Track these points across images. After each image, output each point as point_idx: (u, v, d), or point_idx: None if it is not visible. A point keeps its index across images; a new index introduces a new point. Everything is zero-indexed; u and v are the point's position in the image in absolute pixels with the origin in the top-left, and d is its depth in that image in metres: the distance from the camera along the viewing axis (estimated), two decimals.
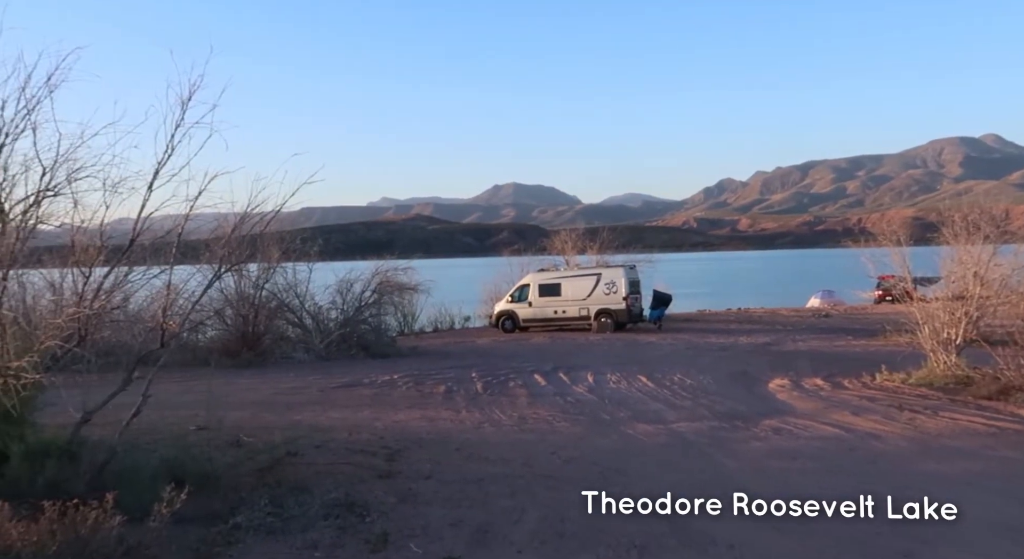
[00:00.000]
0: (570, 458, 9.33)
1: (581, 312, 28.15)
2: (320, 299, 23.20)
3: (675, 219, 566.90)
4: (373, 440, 10.32)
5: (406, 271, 26.52)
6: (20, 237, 6.78)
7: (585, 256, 35.73)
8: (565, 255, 35.92)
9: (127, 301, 8.29)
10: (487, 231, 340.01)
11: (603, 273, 28.52)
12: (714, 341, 23.74)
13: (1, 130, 6.60)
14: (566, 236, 36.92)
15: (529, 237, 79.39)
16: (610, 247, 36.29)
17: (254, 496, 7.11)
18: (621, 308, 27.60)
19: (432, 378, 16.33)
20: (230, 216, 8.90)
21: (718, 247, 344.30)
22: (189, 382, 14.91)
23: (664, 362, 18.66)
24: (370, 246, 71.51)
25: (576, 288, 28.41)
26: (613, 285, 27.80)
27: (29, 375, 6.00)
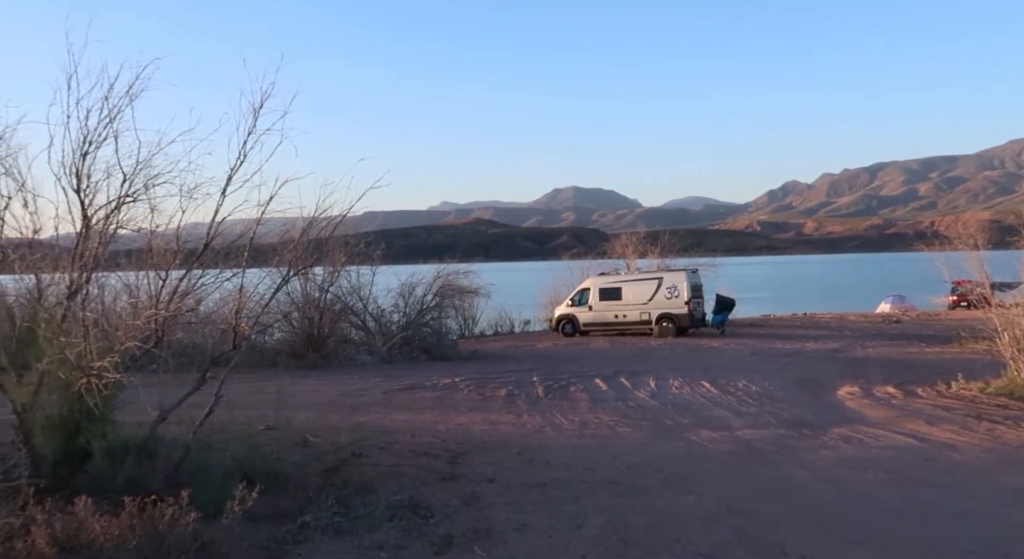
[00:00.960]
0: (633, 464, 9.24)
1: (642, 316, 27.89)
2: (383, 302, 23.52)
3: (738, 222, 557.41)
4: (436, 443, 10.40)
5: (467, 275, 26.70)
6: (102, 241, 7.04)
7: (646, 260, 35.37)
8: (626, 259, 35.63)
9: (200, 303, 8.52)
10: (547, 235, 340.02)
11: (664, 277, 28.20)
12: (779, 347, 23.24)
13: (86, 138, 6.86)
14: (627, 240, 36.63)
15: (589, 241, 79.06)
16: (671, 251, 35.84)
17: (321, 496, 7.22)
18: (683, 312, 27.24)
19: (493, 382, 16.38)
20: (297, 221, 9.10)
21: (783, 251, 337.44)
22: (257, 383, 15.28)
23: (728, 368, 18.35)
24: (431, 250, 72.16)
25: (637, 292, 28.16)
26: (675, 289, 27.46)
27: (110, 374, 6.22)
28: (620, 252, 36.19)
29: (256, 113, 7.17)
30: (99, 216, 7.13)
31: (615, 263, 35.85)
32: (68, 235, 8.05)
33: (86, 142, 6.93)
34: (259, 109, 7.16)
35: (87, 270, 6.94)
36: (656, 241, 36.14)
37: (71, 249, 7.77)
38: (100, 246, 7.04)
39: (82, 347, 6.31)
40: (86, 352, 6.30)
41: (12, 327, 7.05)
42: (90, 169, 7.13)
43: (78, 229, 7.21)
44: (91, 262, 6.94)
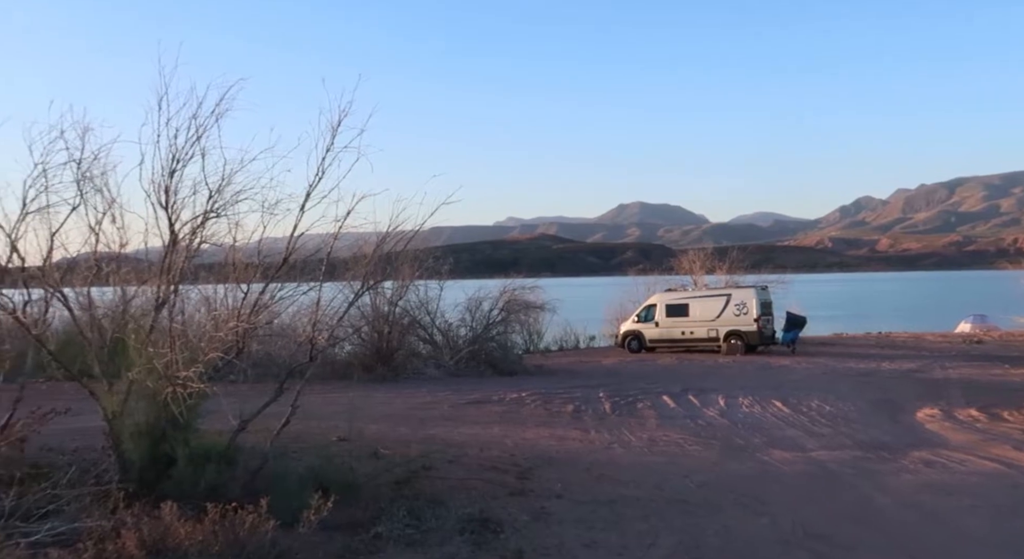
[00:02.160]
0: (704, 483, 9.10)
1: (710, 333, 27.50)
2: (450, 316, 23.75)
3: (808, 239, 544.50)
4: (504, 457, 10.42)
5: (533, 290, 26.75)
6: (187, 255, 7.33)
7: (714, 276, 34.88)
8: (693, 275, 35.21)
9: (278, 316, 8.76)
10: (611, 250, 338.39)
11: (733, 294, 27.76)
12: (853, 366, 22.56)
13: (174, 156, 7.17)
14: (694, 256, 36.21)
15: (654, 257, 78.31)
16: (740, 267, 35.28)
17: (393, 507, 7.31)
18: (752, 330, 26.77)
19: (560, 397, 16.35)
20: (368, 236, 9.28)
21: (855, 268, 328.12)
22: (328, 394, 15.61)
23: (799, 387, 17.90)
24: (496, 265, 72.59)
25: (705, 309, 27.79)
26: (744, 306, 27.00)
27: (195, 384, 6.45)
28: (687, 268, 35.79)
29: (334, 131, 7.36)
30: (185, 231, 7.42)
31: (682, 279, 35.46)
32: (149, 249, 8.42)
33: (174, 160, 7.24)
34: (337, 127, 7.36)
35: (174, 283, 7.23)
36: (724, 257, 35.64)
37: (154, 262, 8.12)
38: (186, 260, 7.32)
39: (168, 357, 6.56)
40: (172, 362, 6.55)
41: (103, 338, 7.36)
42: (177, 186, 7.45)
43: (165, 243, 7.52)
44: (177, 275, 7.22)
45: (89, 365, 7.71)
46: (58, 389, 11.62)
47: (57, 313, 8.49)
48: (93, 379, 7.42)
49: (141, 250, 8.56)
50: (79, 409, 8.12)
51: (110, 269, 7.56)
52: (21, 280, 7.12)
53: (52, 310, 8.05)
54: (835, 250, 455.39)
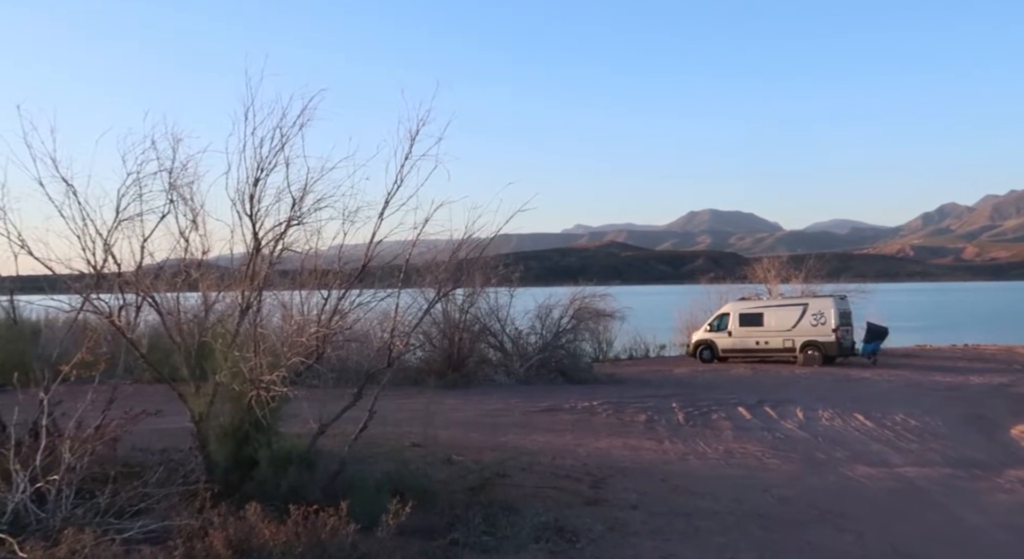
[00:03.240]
0: (784, 497, 8.85)
1: (785, 343, 26.82)
2: (520, 324, 23.76)
3: (888, 247, 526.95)
4: (577, 466, 10.35)
5: (603, 298, 26.55)
6: (271, 262, 7.51)
7: (789, 285, 34.02)
8: (767, 284, 34.41)
9: (357, 322, 8.89)
10: (682, 258, 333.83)
11: (810, 303, 27.02)
12: (939, 380, 21.66)
13: (259, 165, 7.37)
14: (768, 264, 35.38)
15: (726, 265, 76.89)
16: (817, 276, 34.31)
17: (469, 514, 7.33)
18: (830, 340, 25.98)
19: (632, 406, 16.16)
20: (441, 243, 9.35)
21: (939, 277, 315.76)
22: (400, 400, 15.76)
23: (882, 400, 17.28)
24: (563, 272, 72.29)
25: (780, 318, 27.12)
26: (821, 316, 26.25)
27: (278, 388, 6.59)
28: (761, 277, 34.99)
29: (412, 139, 7.45)
30: (268, 238, 7.61)
31: (756, 288, 34.68)
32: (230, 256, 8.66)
33: (259, 169, 7.44)
34: (415, 135, 7.44)
35: (258, 289, 7.42)
36: (800, 266, 34.72)
37: (235, 268, 8.36)
38: (269, 266, 7.51)
39: (253, 361, 6.73)
40: (257, 366, 6.71)
41: (190, 341, 7.60)
42: (261, 194, 7.64)
43: (249, 250, 7.72)
44: (261, 281, 7.41)
45: (176, 368, 7.97)
46: (144, 391, 12.02)
47: (143, 317, 8.82)
48: (181, 381, 7.66)
49: (222, 256, 8.83)
50: (164, 410, 8.39)
51: (199, 275, 7.80)
52: (117, 285, 7.42)
53: (140, 315, 8.38)
54: (917, 259, 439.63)
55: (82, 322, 11.11)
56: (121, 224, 7.67)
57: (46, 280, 8.01)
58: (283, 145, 7.35)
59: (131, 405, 7.55)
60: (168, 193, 7.95)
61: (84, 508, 5.94)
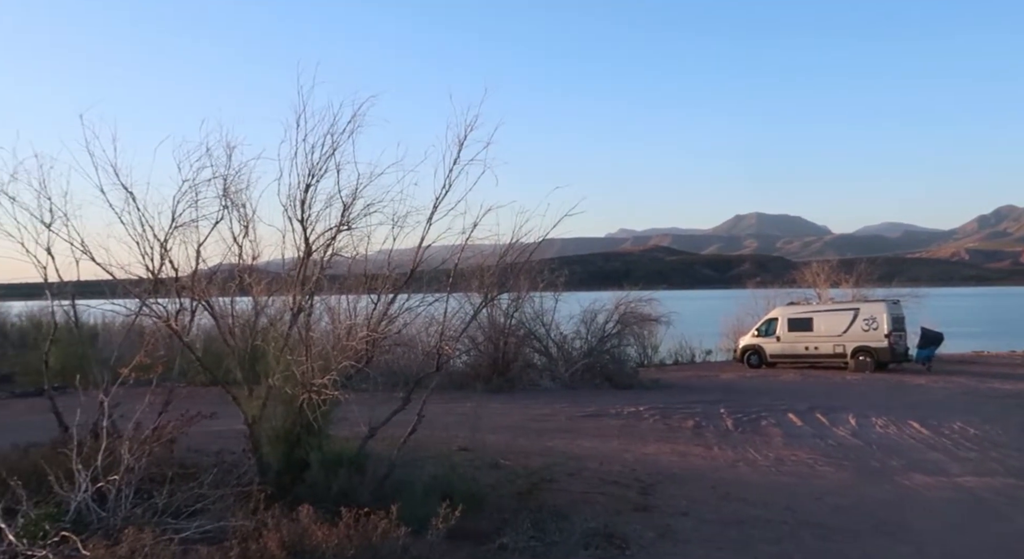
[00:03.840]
0: (838, 506, 8.65)
1: (836, 349, 26.32)
2: (565, 328, 23.71)
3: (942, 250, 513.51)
4: (625, 472, 10.26)
5: (648, 302, 26.37)
6: (322, 266, 7.61)
7: (839, 290, 33.39)
8: (816, 288, 33.81)
9: (406, 326, 8.95)
10: (728, 262, 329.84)
11: (861, 308, 26.48)
12: (998, 387, 20.99)
13: (310, 171, 7.47)
14: (818, 268, 34.77)
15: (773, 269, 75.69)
16: (868, 280, 33.62)
17: (517, 519, 7.30)
18: (883, 346, 25.43)
19: (679, 412, 15.99)
20: (486, 247, 9.36)
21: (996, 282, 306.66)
22: (447, 404, 15.81)
23: (938, 407, 16.82)
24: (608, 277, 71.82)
25: (830, 323, 26.63)
26: (873, 321, 25.70)
27: (329, 391, 6.66)
28: (810, 281, 34.41)
29: (460, 144, 7.47)
30: (319, 243, 7.71)
31: (804, 292, 34.10)
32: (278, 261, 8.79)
33: (310, 175, 7.54)
34: (464, 140, 7.46)
35: (309, 293, 7.52)
36: (850, 270, 34.07)
37: (282, 274, 8.48)
38: (320, 271, 7.60)
39: (305, 365, 6.81)
40: (309, 370, 6.79)
41: (244, 345, 7.73)
42: (312, 200, 7.74)
43: (300, 255, 7.83)
44: (313, 286, 7.51)
45: (230, 371, 8.11)
46: (197, 393, 12.24)
47: (196, 321, 8.98)
48: (234, 384, 7.79)
49: (271, 261, 8.97)
50: (218, 413, 8.53)
51: (251, 280, 7.94)
52: (174, 290, 7.59)
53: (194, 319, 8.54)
54: (972, 262, 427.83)
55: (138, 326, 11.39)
56: (177, 230, 7.84)
57: (107, 285, 8.23)
58: (334, 151, 7.45)
59: (186, 407, 7.72)
60: (222, 199, 8.11)
61: (143, 508, 6.07)
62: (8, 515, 5.70)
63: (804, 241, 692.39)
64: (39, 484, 6.25)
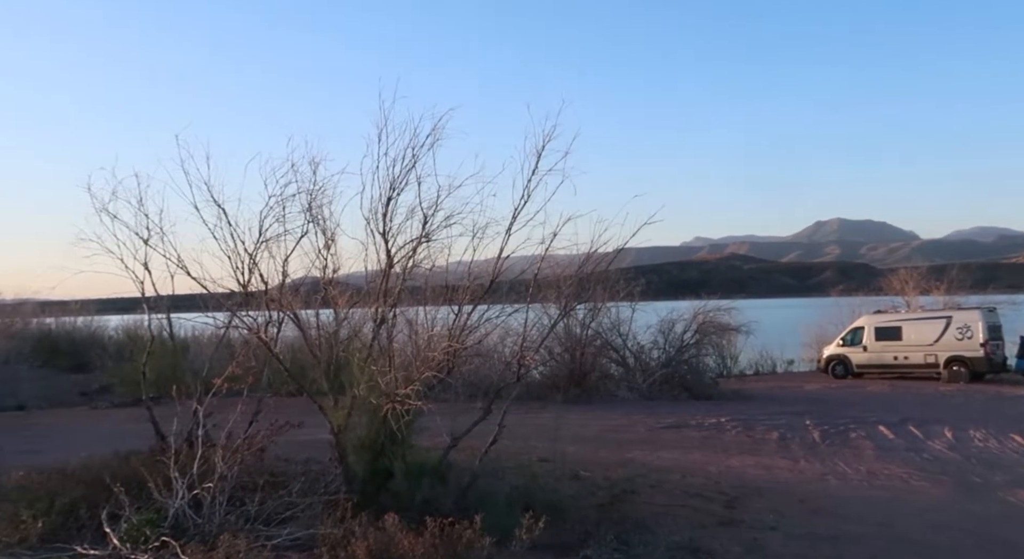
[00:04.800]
0: (937, 523, 8.26)
1: (927, 359, 25.26)
2: (641, 338, 23.45)
3: None
4: (708, 484, 10.05)
5: (727, 311, 25.86)
6: (403, 278, 7.73)
7: (929, 297, 32.06)
8: (905, 296, 32.55)
9: (486, 337, 9.00)
10: (808, 270, 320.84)
11: (954, 316, 25.36)
12: None
13: (391, 185, 7.61)
14: (906, 275, 33.47)
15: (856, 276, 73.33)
16: (960, 287, 32.18)
17: (600, 531, 7.22)
18: (978, 356, 24.27)
19: (762, 423, 15.59)
20: (561, 257, 9.33)
21: None
22: (525, 415, 15.77)
23: None
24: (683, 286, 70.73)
25: (921, 332, 25.59)
26: (967, 329, 24.57)
27: (412, 401, 6.74)
28: (898, 288, 33.14)
29: (539, 154, 7.49)
30: (400, 255, 7.83)
31: (891, 300, 32.87)
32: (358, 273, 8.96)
33: (391, 188, 7.67)
34: (542, 150, 7.47)
35: (392, 304, 7.64)
36: (941, 276, 32.67)
37: (365, 286, 8.63)
38: (402, 282, 7.72)
39: (390, 375, 6.91)
40: (393, 380, 6.89)
41: (329, 356, 7.90)
42: (393, 212, 7.87)
43: (382, 267, 7.96)
44: (395, 297, 7.63)
45: (315, 381, 8.30)
46: (282, 403, 12.59)
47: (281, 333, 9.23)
48: (319, 395, 7.97)
49: (351, 274, 9.14)
50: (304, 422, 8.74)
51: (336, 292, 8.12)
52: (264, 302, 7.82)
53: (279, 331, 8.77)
54: None
55: (226, 338, 11.78)
56: (264, 244, 8.08)
57: (199, 298, 8.55)
58: (414, 164, 7.56)
59: (275, 417, 7.93)
60: (306, 213, 8.32)
61: (235, 515, 6.26)
62: (112, 520, 5.95)
63: (890, 247, 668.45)
64: (140, 490, 6.51)
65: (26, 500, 6.78)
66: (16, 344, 22.61)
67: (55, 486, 7.18)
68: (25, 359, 22.27)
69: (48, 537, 6.29)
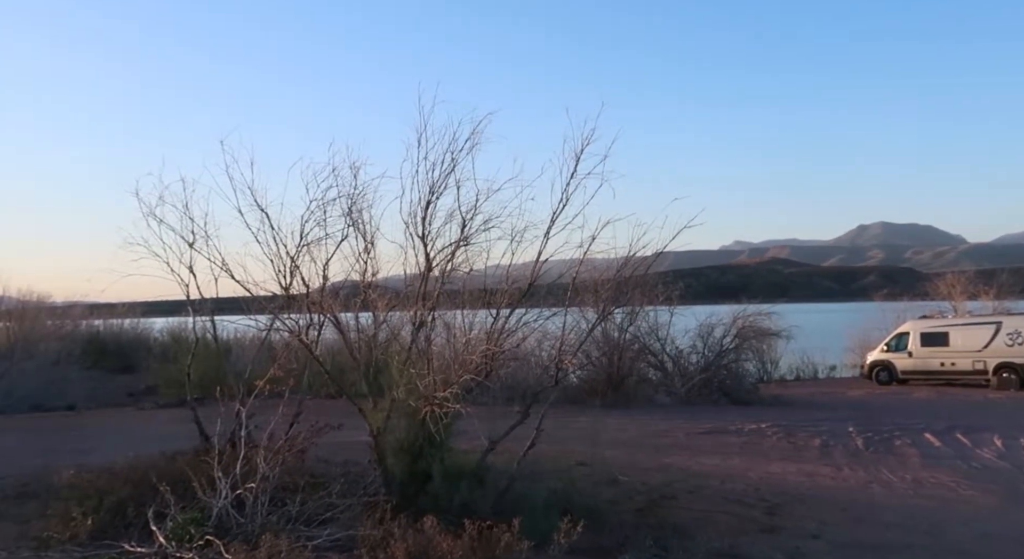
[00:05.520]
0: (987, 533, 8.06)
1: (975, 365, 24.68)
2: (680, 343, 23.25)
3: None
4: (748, 491, 9.93)
5: (767, 316, 25.50)
6: (442, 281, 7.77)
7: (978, 302, 31.34)
8: (952, 301, 31.84)
9: (524, 340, 9.01)
10: (851, 274, 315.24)
11: (1004, 321, 24.76)
12: None
13: (431, 189, 7.67)
14: (953, 279, 32.76)
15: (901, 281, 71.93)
16: (1011, 292, 31.41)
17: (639, 535, 7.19)
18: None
19: (803, 430, 15.35)
20: (599, 261, 9.29)
21: None
22: (562, 419, 15.75)
23: None
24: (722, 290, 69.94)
25: (968, 338, 25.02)
26: (1019, 335, 23.98)
27: (450, 404, 6.77)
28: (944, 293, 32.46)
29: (578, 157, 7.48)
30: (440, 258, 7.88)
31: (938, 305, 32.18)
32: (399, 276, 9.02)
33: (431, 192, 7.73)
34: (580, 154, 7.47)
35: (431, 308, 7.69)
36: (990, 281, 31.91)
37: (404, 289, 8.70)
38: (441, 285, 7.77)
39: (428, 378, 6.96)
40: (431, 383, 6.93)
41: (369, 358, 7.97)
42: (432, 216, 7.93)
43: (421, 270, 8.02)
44: (434, 300, 7.67)
45: (354, 384, 8.39)
46: (322, 405, 12.73)
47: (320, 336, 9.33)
48: (359, 397, 8.04)
49: (390, 277, 9.22)
50: (344, 424, 8.83)
51: (376, 295, 8.20)
52: (306, 305, 7.93)
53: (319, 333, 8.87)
54: None
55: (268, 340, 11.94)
56: (306, 247, 8.19)
57: (243, 301, 8.70)
58: (453, 168, 7.61)
59: (315, 419, 8.03)
60: (346, 217, 8.42)
61: (277, 515, 6.35)
62: (158, 519, 6.08)
63: (936, 251, 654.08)
64: (184, 490, 6.64)
65: (76, 498, 6.96)
66: (66, 346, 23.15)
67: (104, 485, 7.36)
68: (75, 361, 22.81)
69: (97, 535, 6.44)
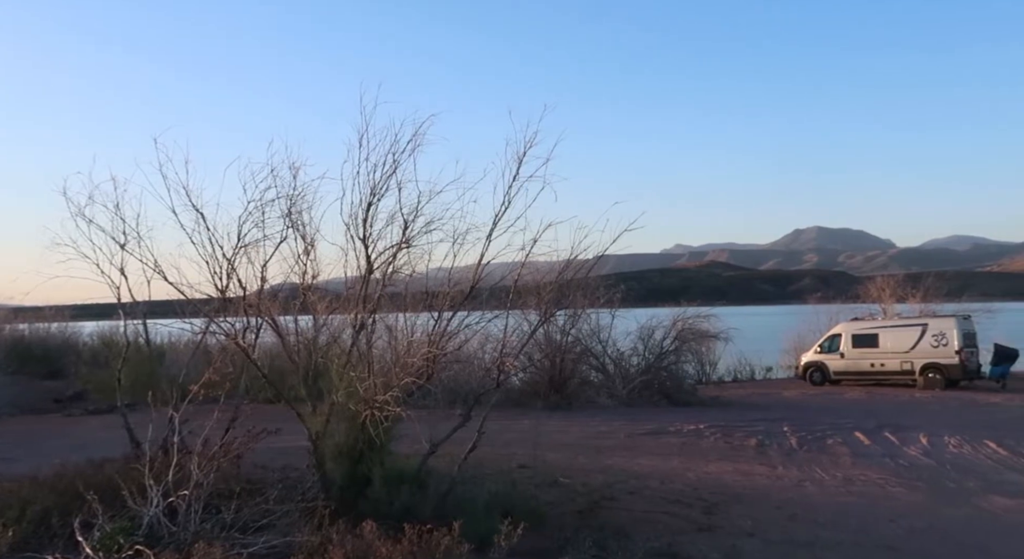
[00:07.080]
0: (914, 529, 8.34)
1: (903, 366, 25.55)
2: (621, 345, 23.50)
3: (1016, 263, 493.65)
4: (687, 491, 10.09)
5: (706, 319, 25.97)
6: (384, 284, 7.69)
7: (906, 305, 32.44)
8: (881, 303, 32.89)
9: (466, 343, 8.98)
10: (787, 278, 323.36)
11: (930, 323, 25.67)
12: None
13: (372, 190, 7.58)
14: (882, 283, 33.85)
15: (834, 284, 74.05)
16: (936, 295, 32.59)
17: (579, 537, 7.23)
18: (953, 363, 24.59)
19: (741, 430, 15.67)
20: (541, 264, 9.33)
21: None
22: (504, 421, 15.79)
23: (1016, 426, 16.15)
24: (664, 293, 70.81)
25: (897, 339, 25.89)
26: (943, 337, 24.88)
27: (391, 408, 6.71)
28: (875, 296, 33.50)
29: (520, 161, 7.50)
30: (380, 261, 7.80)
31: (868, 308, 33.21)
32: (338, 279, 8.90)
33: (372, 193, 7.65)
34: (523, 157, 7.48)
35: (371, 310, 7.61)
36: (917, 284, 33.07)
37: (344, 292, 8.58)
38: (382, 288, 7.69)
39: (368, 381, 6.88)
40: (372, 387, 6.85)
41: (308, 362, 7.84)
42: (373, 218, 7.84)
43: (363, 273, 7.92)
44: (375, 303, 7.59)
45: (293, 388, 8.24)
46: (260, 410, 12.46)
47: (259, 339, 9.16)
48: (297, 401, 7.91)
49: (331, 280, 9.08)
50: (282, 429, 8.66)
51: (315, 298, 8.07)
52: (242, 308, 7.75)
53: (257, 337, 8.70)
54: None
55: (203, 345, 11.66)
56: (243, 249, 8.01)
57: (176, 304, 8.47)
58: (395, 170, 7.54)
59: (252, 424, 7.85)
60: (285, 219, 8.26)
61: (211, 523, 6.18)
62: (85, 528, 5.87)
63: (867, 255, 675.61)
64: (113, 498, 6.42)
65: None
66: None
67: (27, 494, 7.07)
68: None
69: (19, 546, 6.18)
